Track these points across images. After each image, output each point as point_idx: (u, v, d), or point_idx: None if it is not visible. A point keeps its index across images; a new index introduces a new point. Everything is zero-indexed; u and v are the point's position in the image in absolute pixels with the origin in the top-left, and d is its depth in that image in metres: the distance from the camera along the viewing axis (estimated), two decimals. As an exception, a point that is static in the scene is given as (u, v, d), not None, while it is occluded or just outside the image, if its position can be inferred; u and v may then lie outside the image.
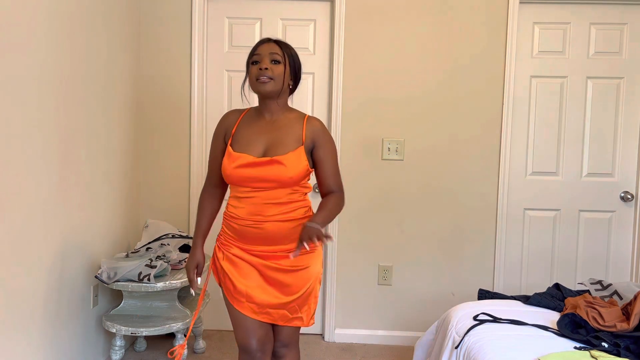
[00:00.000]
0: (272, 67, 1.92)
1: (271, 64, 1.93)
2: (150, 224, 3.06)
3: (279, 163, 1.89)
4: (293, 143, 1.94)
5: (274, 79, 1.92)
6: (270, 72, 1.92)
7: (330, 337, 3.38)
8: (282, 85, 1.95)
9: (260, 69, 1.92)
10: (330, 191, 2.03)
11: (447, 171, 3.30)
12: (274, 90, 1.94)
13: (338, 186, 2.03)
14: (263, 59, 1.93)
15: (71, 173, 2.46)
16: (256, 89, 1.96)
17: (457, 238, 3.33)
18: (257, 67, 1.94)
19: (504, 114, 3.26)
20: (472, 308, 2.41)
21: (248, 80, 1.99)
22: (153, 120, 3.31)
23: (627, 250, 3.35)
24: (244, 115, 2.05)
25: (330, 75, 3.31)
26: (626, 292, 2.47)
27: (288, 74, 1.97)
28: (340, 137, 3.28)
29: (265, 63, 1.92)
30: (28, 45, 2.10)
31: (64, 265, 2.44)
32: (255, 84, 1.95)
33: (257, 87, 1.95)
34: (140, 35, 3.27)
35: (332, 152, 2.01)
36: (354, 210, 3.31)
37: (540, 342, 2.04)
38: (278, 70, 1.94)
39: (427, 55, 3.26)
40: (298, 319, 2.01)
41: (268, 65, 1.92)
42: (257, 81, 1.93)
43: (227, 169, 1.94)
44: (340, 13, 3.23)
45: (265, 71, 1.91)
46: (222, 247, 2.02)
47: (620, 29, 3.27)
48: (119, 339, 2.70)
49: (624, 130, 3.30)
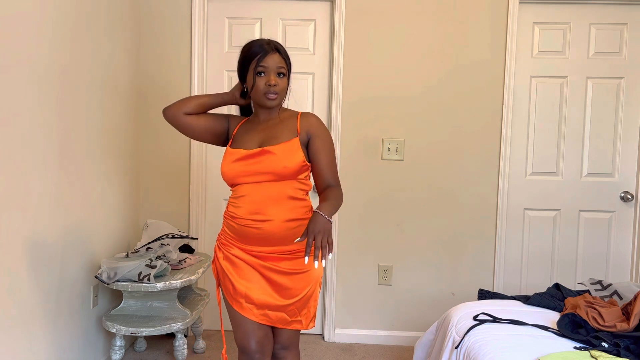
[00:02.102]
0: (279, 82, 1.93)
1: (278, 78, 1.94)
2: (150, 224, 3.06)
3: (269, 152, 1.90)
4: (287, 136, 1.95)
5: (279, 93, 1.95)
6: (278, 87, 1.93)
7: (330, 337, 3.38)
8: (285, 97, 2.00)
9: (269, 85, 1.92)
10: (327, 185, 1.97)
11: (447, 171, 3.30)
12: (279, 104, 1.99)
13: (335, 181, 2.00)
14: (269, 73, 1.93)
15: (71, 173, 2.46)
16: (263, 103, 1.96)
17: (457, 238, 3.33)
18: (264, 81, 1.92)
19: (504, 114, 3.26)
20: (472, 308, 2.41)
21: (254, 90, 1.95)
22: (153, 120, 3.30)
23: (627, 250, 3.35)
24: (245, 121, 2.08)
25: (330, 75, 3.31)
26: (626, 292, 2.47)
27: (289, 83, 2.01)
28: (340, 137, 3.29)
29: (274, 79, 1.92)
30: (28, 46, 2.10)
31: (64, 265, 2.44)
32: (262, 98, 1.94)
33: (264, 102, 1.95)
34: (140, 35, 3.27)
35: (328, 144, 1.99)
36: (354, 210, 3.31)
37: (540, 342, 2.04)
38: (283, 84, 1.95)
39: (427, 55, 3.26)
40: (297, 322, 2.00)
41: (276, 80, 1.92)
42: (265, 96, 1.93)
43: (224, 167, 1.96)
44: (340, 13, 3.23)
45: (275, 87, 1.92)
46: (223, 247, 2.02)
47: (620, 29, 3.27)
48: (119, 339, 2.70)
49: (624, 130, 3.30)
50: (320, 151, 1.97)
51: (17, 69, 2.03)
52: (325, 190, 1.97)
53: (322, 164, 1.98)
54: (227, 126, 2.07)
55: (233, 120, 2.10)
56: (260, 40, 1.99)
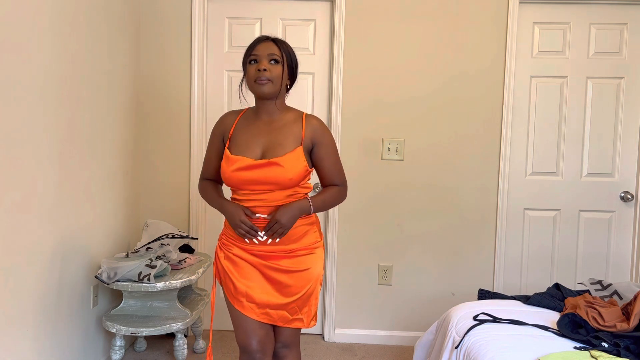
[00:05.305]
0: (271, 68, 1.89)
1: (270, 65, 1.90)
2: (150, 224, 3.06)
3: (277, 165, 1.87)
4: (291, 144, 1.92)
5: (272, 80, 1.89)
6: (269, 73, 1.88)
7: (330, 337, 3.38)
8: (280, 86, 1.93)
9: (258, 70, 1.89)
10: (333, 185, 2.07)
11: (447, 171, 3.30)
12: (273, 91, 1.92)
13: (341, 180, 2.07)
14: (261, 60, 1.90)
15: (71, 173, 2.46)
16: (254, 91, 1.94)
17: (457, 238, 3.33)
18: (255, 67, 1.91)
19: (504, 114, 3.26)
20: (472, 308, 2.41)
21: (246, 81, 1.96)
22: (153, 120, 3.31)
23: (627, 250, 3.35)
24: (241, 116, 2.03)
25: (330, 75, 3.31)
26: (626, 292, 2.47)
27: (286, 73, 1.95)
28: (340, 137, 3.29)
29: (264, 64, 1.89)
30: (29, 47, 2.09)
31: (64, 265, 2.44)
32: (253, 85, 1.92)
33: (255, 88, 1.92)
34: (140, 35, 3.27)
35: (332, 149, 2.01)
36: (354, 210, 3.31)
37: (540, 342, 2.04)
38: (277, 71, 1.91)
39: (427, 55, 3.26)
40: (298, 320, 2.01)
41: (267, 66, 1.89)
42: (255, 82, 1.90)
43: (226, 172, 1.93)
44: (340, 13, 3.23)
45: (264, 72, 1.88)
46: (224, 247, 2.02)
47: (620, 29, 3.27)
48: (119, 339, 2.70)
49: (624, 130, 3.30)
50: (324, 158, 2.00)
51: (17, 70, 2.03)
52: (329, 186, 2.06)
53: (326, 168, 2.02)
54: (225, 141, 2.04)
55: (227, 121, 2.04)
56: (260, 35, 2.00)
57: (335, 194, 2.04)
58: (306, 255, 1.99)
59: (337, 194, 2.05)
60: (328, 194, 2.03)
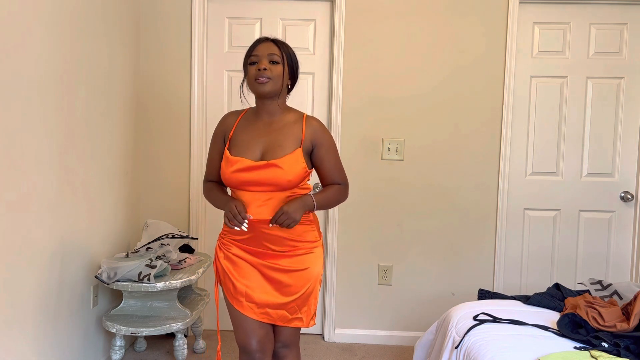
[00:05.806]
0: (271, 68, 1.91)
1: (269, 64, 1.92)
2: (150, 224, 3.06)
3: (276, 166, 1.88)
4: (291, 145, 1.93)
5: (272, 79, 1.91)
6: (269, 72, 1.90)
7: (330, 337, 3.38)
8: (280, 86, 1.95)
9: (258, 70, 1.91)
10: (334, 184, 2.09)
11: (447, 171, 3.30)
12: (273, 90, 1.94)
13: (342, 179, 2.09)
14: (261, 60, 1.92)
15: (71, 173, 2.46)
16: (255, 90, 1.95)
17: (457, 238, 3.33)
18: (255, 67, 1.93)
19: (504, 114, 3.26)
20: (472, 308, 2.41)
21: (246, 81, 1.99)
22: (153, 120, 3.30)
23: (627, 250, 3.35)
24: (242, 116, 2.04)
25: (330, 75, 3.31)
26: (626, 292, 2.47)
27: (287, 73, 1.97)
28: (340, 137, 3.29)
29: (264, 64, 1.91)
30: (28, 47, 2.09)
31: (64, 265, 2.44)
32: (253, 84, 1.94)
33: (255, 87, 1.94)
34: (140, 35, 3.27)
35: (332, 150, 2.03)
36: (354, 210, 3.31)
37: (540, 342, 2.04)
38: (276, 71, 1.93)
39: (427, 55, 3.26)
40: (298, 320, 2.01)
41: (267, 65, 1.91)
42: (255, 82, 1.92)
43: (226, 173, 1.94)
44: (340, 13, 3.23)
45: (264, 72, 1.90)
46: (223, 247, 2.03)
47: (620, 29, 3.27)
48: (119, 339, 2.70)
49: (624, 130, 3.30)
50: (325, 159, 2.01)
51: (17, 70, 2.03)
52: (331, 185, 2.07)
53: (327, 169, 2.04)
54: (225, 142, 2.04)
55: (228, 121, 2.06)
56: (261, 36, 2.02)
57: (337, 192, 2.06)
58: (305, 254, 1.99)
59: (339, 192, 2.07)
60: (330, 191, 2.05)
